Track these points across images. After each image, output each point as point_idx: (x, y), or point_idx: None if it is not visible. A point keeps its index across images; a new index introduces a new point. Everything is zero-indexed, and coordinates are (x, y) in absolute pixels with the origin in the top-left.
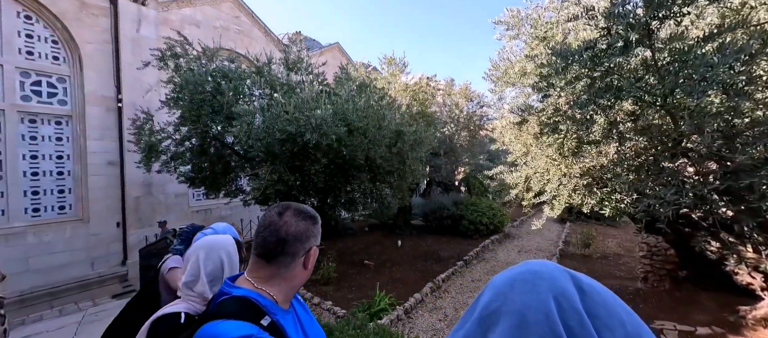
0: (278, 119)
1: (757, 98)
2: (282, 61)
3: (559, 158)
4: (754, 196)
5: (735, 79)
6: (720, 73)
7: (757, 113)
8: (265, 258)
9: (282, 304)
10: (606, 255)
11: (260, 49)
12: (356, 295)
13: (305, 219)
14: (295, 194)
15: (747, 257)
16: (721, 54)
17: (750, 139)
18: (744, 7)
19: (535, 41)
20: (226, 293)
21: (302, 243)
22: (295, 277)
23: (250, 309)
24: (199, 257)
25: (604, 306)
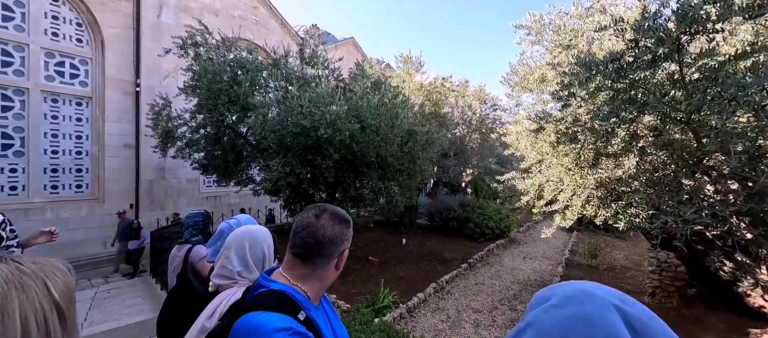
0: (293, 113)
1: None
2: (298, 55)
3: (574, 168)
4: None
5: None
6: (751, 94)
7: None
8: (302, 258)
9: (314, 301)
10: (613, 267)
11: (277, 40)
12: (360, 290)
13: (340, 223)
14: (305, 187)
15: (762, 279)
16: (754, 74)
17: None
18: None
19: (558, 48)
20: (263, 286)
21: (337, 246)
22: (328, 277)
23: (287, 303)
24: (245, 247)
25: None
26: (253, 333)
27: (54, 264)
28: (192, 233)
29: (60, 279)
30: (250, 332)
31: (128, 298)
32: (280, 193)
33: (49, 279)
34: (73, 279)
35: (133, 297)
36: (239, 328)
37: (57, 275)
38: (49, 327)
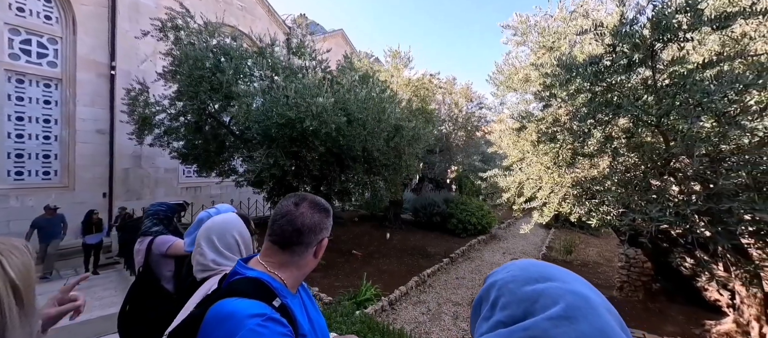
0: (278, 103)
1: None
2: (285, 44)
3: (553, 166)
4: (733, 219)
5: (728, 107)
6: (715, 101)
7: (743, 139)
8: (280, 245)
9: (291, 289)
10: (586, 262)
11: (263, 28)
12: (343, 283)
13: (320, 212)
14: (289, 179)
15: (718, 275)
16: (718, 82)
17: (734, 165)
18: (744, 38)
19: (542, 50)
20: (239, 273)
21: (316, 235)
22: (306, 265)
23: (262, 290)
24: (213, 239)
25: None
26: (226, 320)
27: (11, 243)
28: (152, 223)
29: (17, 257)
30: (224, 318)
31: (100, 290)
32: (264, 185)
33: (5, 257)
34: (31, 259)
35: (105, 289)
36: (213, 315)
37: (14, 253)
38: (3, 307)
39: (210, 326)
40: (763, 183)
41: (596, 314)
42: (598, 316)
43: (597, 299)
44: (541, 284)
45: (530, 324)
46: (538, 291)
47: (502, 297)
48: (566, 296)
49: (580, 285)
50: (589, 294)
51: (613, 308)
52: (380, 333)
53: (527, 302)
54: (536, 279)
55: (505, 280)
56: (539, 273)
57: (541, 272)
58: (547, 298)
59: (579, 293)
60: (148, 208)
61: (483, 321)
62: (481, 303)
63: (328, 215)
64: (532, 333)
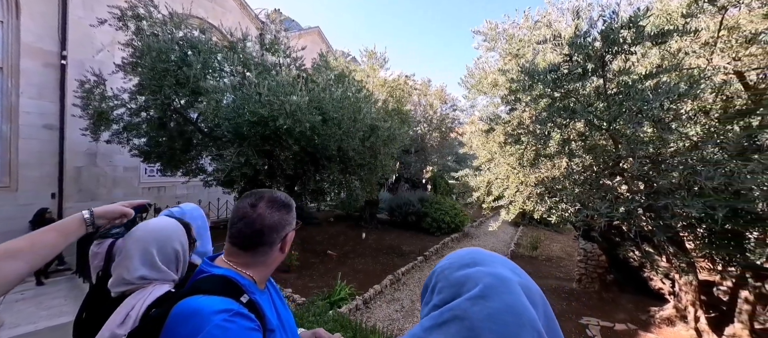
0: (250, 100)
1: (680, 131)
2: (258, 40)
3: (518, 167)
4: (668, 214)
5: (664, 114)
6: (653, 108)
7: (679, 143)
8: (242, 247)
9: (259, 284)
10: (550, 257)
11: (234, 22)
12: (317, 284)
13: (279, 209)
14: (262, 178)
15: (660, 265)
16: (655, 91)
17: (670, 166)
18: (680, 53)
19: (508, 56)
20: (204, 271)
21: (278, 232)
22: (272, 262)
23: (229, 287)
24: (153, 253)
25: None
26: (192, 317)
27: None
28: (112, 226)
29: None
30: (189, 315)
31: (48, 299)
32: (235, 185)
33: None
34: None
35: (54, 298)
36: (177, 313)
37: None
38: None
39: (174, 324)
40: (692, 182)
41: (509, 291)
42: (509, 294)
43: (515, 278)
44: (469, 269)
45: (454, 305)
46: (466, 275)
47: (439, 282)
48: (485, 278)
49: (501, 268)
50: (508, 275)
51: (534, 287)
52: (353, 331)
53: (457, 286)
54: (467, 265)
55: (443, 267)
56: (470, 258)
57: (472, 258)
58: (471, 281)
59: (497, 275)
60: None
61: (425, 305)
62: (426, 290)
63: (289, 211)
64: (455, 312)
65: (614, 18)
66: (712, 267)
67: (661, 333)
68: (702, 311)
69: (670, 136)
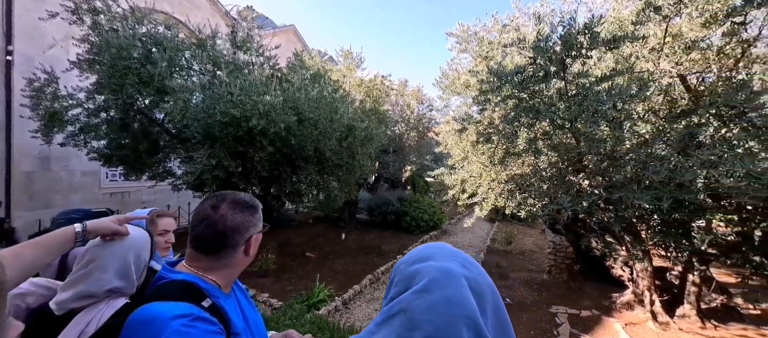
0: (221, 100)
1: (633, 129)
2: (229, 38)
3: (489, 165)
4: (623, 206)
5: (617, 114)
6: (607, 109)
7: (632, 141)
8: (204, 251)
9: (224, 288)
10: (523, 251)
11: (203, 18)
12: (296, 287)
13: (242, 210)
14: (235, 181)
15: (620, 254)
16: (609, 93)
17: (624, 162)
18: (631, 57)
19: (479, 58)
20: (164, 277)
21: (242, 234)
22: (237, 265)
23: (190, 292)
24: (130, 263)
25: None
26: (150, 323)
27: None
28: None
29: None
30: (147, 322)
31: None
32: (206, 188)
33: None
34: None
35: None
36: (135, 319)
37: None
38: None
39: (132, 331)
40: (643, 177)
41: (450, 284)
42: (450, 286)
43: (462, 272)
44: (421, 263)
45: (401, 298)
46: (417, 270)
47: (396, 276)
48: (432, 272)
49: (451, 262)
50: (454, 269)
51: (483, 281)
52: (330, 333)
53: (408, 279)
54: (420, 259)
55: (401, 261)
56: (425, 253)
57: (427, 253)
58: (420, 275)
59: (443, 268)
60: (57, 216)
61: (385, 298)
62: (389, 284)
63: (253, 212)
64: (401, 305)
65: (572, 23)
66: (665, 254)
67: (621, 317)
68: (656, 295)
69: (623, 134)
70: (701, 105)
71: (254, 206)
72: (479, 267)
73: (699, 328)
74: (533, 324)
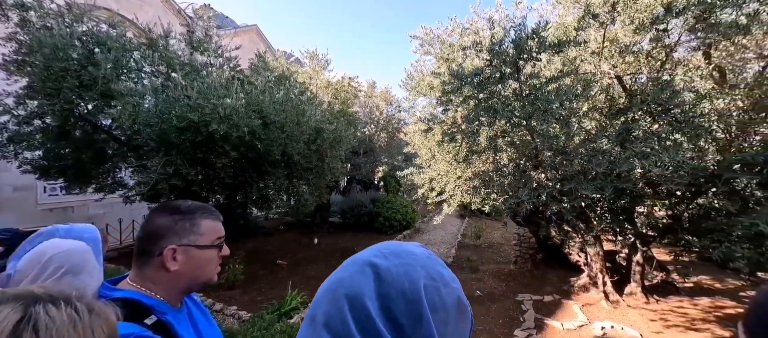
0: (177, 104)
1: (580, 126)
2: (184, 37)
3: (455, 163)
4: (573, 197)
5: (565, 112)
6: (556, 108)
7: (581, 136)
8: (135, 262)
9: (172, 303)
10: (492, 244)
11: (153, 16)
12: (267, 297)
13: (171, 214)
14: (196, 189)
15: (576, 241)
16: (557, 93)
17: (573, 156)
18: (576, 60)
19: (441, 60)
20: (104, 296)
21: (156, 241)
22: (157, 279)
23: (132, 310)
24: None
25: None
26: None
27: (104, 308)
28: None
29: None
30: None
31: None
32: (162, 198)
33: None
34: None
35: None
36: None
37: (110, 319)
38: None
39: None
40: (588, 169)
41: (346, 269)
42: (345, 270)
43: (372, 260)
44: (354, 257)
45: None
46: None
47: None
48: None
49: (373, 253)
50: (362, 257)
51: (397, 271)
52: None
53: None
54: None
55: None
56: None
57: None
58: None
59: (353, 258)
60: None
61: None
62: None
63: (178, 219)
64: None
65: (523, 28)
66: (613, 239)
67: (578, 299)
68: (607, 276)
69: (572, 130)
70: (634, 103)
71: (185, 212)
72: (409, 262)
73: (644, 304)
74: (502, 312)
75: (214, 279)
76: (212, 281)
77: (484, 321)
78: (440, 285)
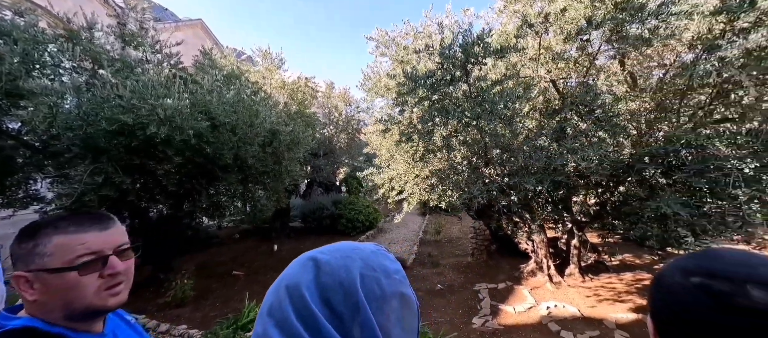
0: (106, 104)
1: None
2: (114, 30)
3: (412, 162)
4: (518, 190)
5: (508, 113)
6: (500, 108)
7: (523, 135)
8: None
9: (82, 329)
10: (451, 239)
11: (73, 5)
12: (221, 312)
13: (18, 236)
14: (133, 200)
15: (523, 230)
16: (501, 95)
17: (517, 153)
18: (517, 65)
19: (396, 62)
20: (2, 327)
21: (13, 269)
22: (36, 308)
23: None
24: None
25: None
26: None
27: None
28: None
29: None
30: None
31: None
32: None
33: None
34: None
35: None
36: None
37: None
38: None
39: None
40: (529, 164)
41: (292, 266)
42: (292, 267)
43: (316, 256)
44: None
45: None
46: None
47: None
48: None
49: (321, 250)
50: (313, 254)
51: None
52: None
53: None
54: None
55: None
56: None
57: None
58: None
59: (303, 256)
60: None
61: None
62: None
63: (21, 241)
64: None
65: (469, 34)
66: (554, 226)
67: (527, 283)
68: (551, 261)
69: (514, 129)
70: (566, 104)
71: (29, 232)
72: (349, 255)
73: (581, 282)
74: (461, 303)
75: (109, 304)
76: (104, 307)
77: (445, 312)
78: (381, 275)
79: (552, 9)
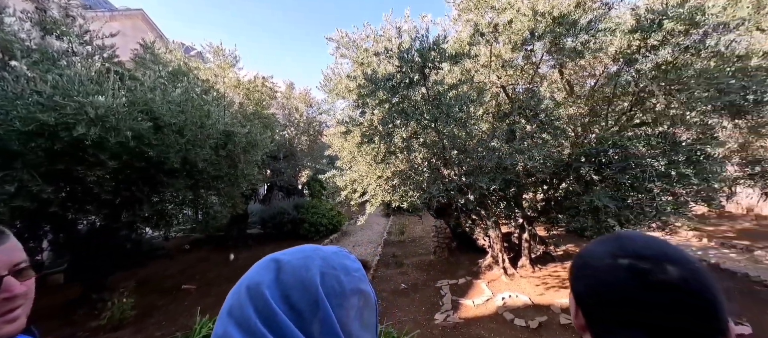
0: (20, 101)
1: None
2: (31, 16)
3: (374, 164)
4: (473, 189)
5: (462, 116)
6: (456, 111)
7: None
8: None
9: None
10: (414, 238)
11: None
12: (168, 331)
13: None
14: (56, 211)
15: (480, 227)
16: (457, 99)
17: (471, 153)
18: (471, 70)
19: (356, 64)
20: None
21: None
22: None
23: None
24: None
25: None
26: None
27: None
28: None
29: None
30: None
31: None
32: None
33: None
34: None
35: None
36: None
37: None
38: None
39: None
40: (483, 164)
41: (255, 267)
42: (254, 269)
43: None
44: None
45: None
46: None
47: None
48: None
49: (284, 252)
50: (275, 256)
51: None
52: None
53: None
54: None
55: None
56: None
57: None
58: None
59: (266, 258)
60: None
61: None
62: None
63: None
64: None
65: (426, 39)
66: (507, 222)
67: (485, 277)
68: (505, 254)
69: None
70: (514, 108)
71: None
72: (310, 255)
73: (531, 273)
74: (424, 300)
75: (2, 333)
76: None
77: (409, 310)
78: (340, 273)
79: (501, 20)
